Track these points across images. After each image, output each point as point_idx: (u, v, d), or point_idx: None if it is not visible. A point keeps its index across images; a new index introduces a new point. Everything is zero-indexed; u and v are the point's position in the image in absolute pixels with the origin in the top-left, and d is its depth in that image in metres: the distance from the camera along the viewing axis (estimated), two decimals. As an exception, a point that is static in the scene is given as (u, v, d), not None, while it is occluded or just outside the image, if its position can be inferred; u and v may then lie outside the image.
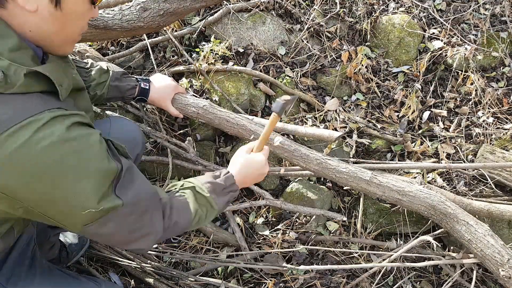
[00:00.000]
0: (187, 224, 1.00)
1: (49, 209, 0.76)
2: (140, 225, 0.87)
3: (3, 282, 0.98)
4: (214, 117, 1.58)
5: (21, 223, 0.96)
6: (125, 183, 0.82)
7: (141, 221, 0.87)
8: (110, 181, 0.78)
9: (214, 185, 1.06)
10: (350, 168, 1.49)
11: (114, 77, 1.37)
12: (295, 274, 1.73)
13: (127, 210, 0.82)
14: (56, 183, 0.72)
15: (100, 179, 0.76)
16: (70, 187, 0.73)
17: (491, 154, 1.98)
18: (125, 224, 0.84)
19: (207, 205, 1.04)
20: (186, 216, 0.99)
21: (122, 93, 1.39)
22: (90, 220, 0.78)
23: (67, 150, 0.72)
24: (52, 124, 0.71)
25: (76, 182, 0.73)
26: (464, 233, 1.40)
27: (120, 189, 0.80)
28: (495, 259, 1.33)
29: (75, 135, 0.73)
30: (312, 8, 2.35)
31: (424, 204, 1.46)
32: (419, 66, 2.32)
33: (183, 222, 0.99)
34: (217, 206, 1.05)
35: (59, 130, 0.71)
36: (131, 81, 1.42)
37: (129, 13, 1.71)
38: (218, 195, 1.06)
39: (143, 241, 0.90)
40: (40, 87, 0.75)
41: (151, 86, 1.45)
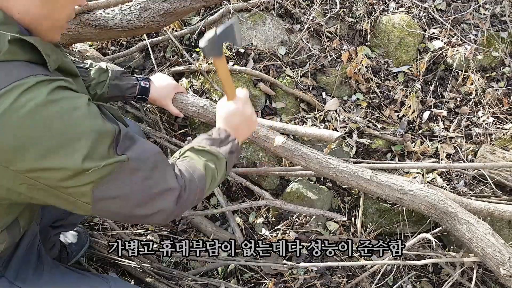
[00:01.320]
0: (202, 181, 0.94)
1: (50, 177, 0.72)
2: (153, 182, 0.82)
3: (11, 279, 0.98)
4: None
5: (27, 217, 0.95)
6: (126, 143, 0.79)
7: (152, 177, 0.82)
8: (108, 141, 0.75)
9: (210, 140, 1.03)
10: (350, 167, 1.49)
11: (113, 76, 1.36)
12: (295, 274, 1.73)
13: (134, 164, 0.79)
14: (47, 148, 0.69)
15: (95, 138, 0.73)
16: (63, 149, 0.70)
17: (491, 154, 1.98)
18: (136, 181, 0.79)
19: (212, 157, 0.99)
20: (198, 173, 0.94)
21: (123, 91, 1.39)
22: (96, 179, 0.73)
23: (53, 112, 0.69)
24: (37, 87, 0.69)
25: (69, 143, 0.70)
26: (465, 232, 1.40)
27: (121, 148, 0.78)
28: (496, 257, 1.32)
29: (60, 96, 0.71)
30: (312, 8, 2.35)
31: (425, 202, 1.45)
32: (419, 66, 2.32)
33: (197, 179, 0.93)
34: (222, 155, 1.01)
35: (43, 93, 0.69)
36: (131, 80, 1.41)
37: (129, 13, 1.71)
38: (218, 146, 1.02)
39: (162, 200, 0.84)
40: (26, 56, 0.74)
41: (152, 85, 1.45)
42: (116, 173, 0.76)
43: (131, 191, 0.79)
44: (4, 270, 0.99)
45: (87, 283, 1.07)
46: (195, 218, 1.85)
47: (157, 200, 0.83)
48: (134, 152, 0.80)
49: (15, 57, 0.72)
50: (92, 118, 0.74)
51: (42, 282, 1.02)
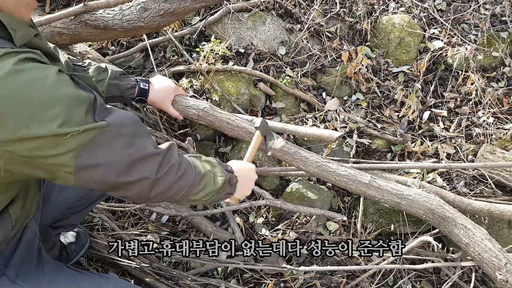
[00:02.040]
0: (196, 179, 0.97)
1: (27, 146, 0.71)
2: (135, 148, 0.83)
3: (12, 277, 0.98)
4: (215, 119, 1.57)
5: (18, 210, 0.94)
6: (103, 111, 0.79)
7: (133, 143, 0.83)
8: (84, 107, 0.75)
9: (219, 161, 1.10)
10: (349, 171, 1.49)
11: (113, 76, 1.35)
12: (295, 274, 1.73)
13: (115, 130, 0.79)
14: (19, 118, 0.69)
15: (69, 104, 0.73)
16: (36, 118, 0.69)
17: (491, 154, 1.98)
18: (118, 147, 0.80)
19: (215, 170, 1.04)
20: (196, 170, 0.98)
21: (122, 92, 1.38)
22: (77, 146, 0.74)
23: (21, 82, 0.69)
24: (3, 59, 0.69)
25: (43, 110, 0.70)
26: (462, 237, 1.41)
27: (100, 115, 0.77)
28: (493, 263, 1.33)
29: (27, 66, 0.71)
30: (312, 8, 2.35)
31: (423, 207, 1.46)
32: (419, 66, 2.32)
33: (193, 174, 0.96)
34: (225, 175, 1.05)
35: (9, 63, 0.69)
36: (130, 80, 1.41)
37: (130, 13, 1.71)
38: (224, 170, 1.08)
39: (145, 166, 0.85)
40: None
41: (151, 87, 1.44)
42: (97, 139, 0.76)
43: (113, 158, 0.80)
44: (5, 269, 0.99)
45: (88, 282, 1.07)
46: (195, 218, 1.85)
47: (139, 166, 0.84)
48: (114, 118, 0.79)
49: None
50: (64, 85, 0.74)
51: (43, 281, 1.02)
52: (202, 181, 0.99)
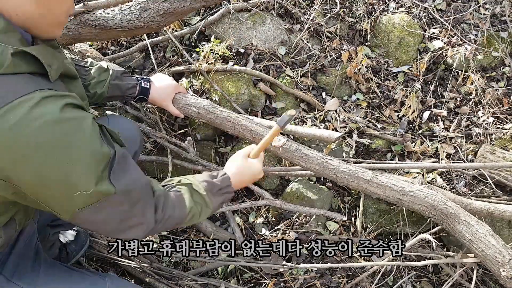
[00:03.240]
0: (180, 220, 1.01)
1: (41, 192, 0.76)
2: (132, 215, 0.87)
3: (8, 276, 0.99)
4: (215, 117, 1.57)
5: (22, 215, 0.96)
6: (118, 170, 0.81)
7: (132, 211, 0.87)
8: (103, 165, 0.78)
9: (210, 185, 1.07)
10: (351, 168, 1.49)
11: (114, 76, 1.36)
12: (295, 274, 1.73)
13: (120, 198, 0.82)
14: (47, 164, 0.71)
15: (92, 162, 0.76)
16: (61, 168, 0.72)
17: (491, 154, 1.98)
18: (117, 212, 0.84)
19: (202, 203, 1.04)
20: (180, 211, 1.00)
21: (123, 92, 1.39)
22: (83, 204, 0.77)
23: (60, 131, 0.71)
24: (44, 104, 0.70)
25: (68, 163, 0.73)
26: (465, 234, 1.40)
27: (113, 175, 0.80)
28: (496, 259, 1.32)
29: (68, 116, 0.73)
30: (312, 8, 2.35)
31: (425, 204, 1.45)
32: (419, 66, 2.32)
33: (177, 217, 0.99)
34: (212, 205, 1.06)
35: (52, 110, 0.71)
36: (131, 80, 1.41)
37: (129, 13, 1.71)
38: (213, 195, 1.07)
39: (134, 231, 0.90)
40: (29, 68, 0.74)
41: (152, 86, 1.44)
42: (101, 203, 0.79)
43: (109, 221, 0.85)
44: (1, 267, 0.99)
45: (84, 281, 1.08)
46: (195, 218, 1.85)
47: (130, 230, 0.90)
48: (123, 184, 0.82)
49: (18, 70, 0.72)
50: (94, 141, 0.77)
51: (39, 280, 1.03)
52: (186, 218, 1.02)
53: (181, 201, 1.01)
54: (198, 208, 1.03)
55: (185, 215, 1.00)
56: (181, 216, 1.00)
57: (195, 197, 1.04)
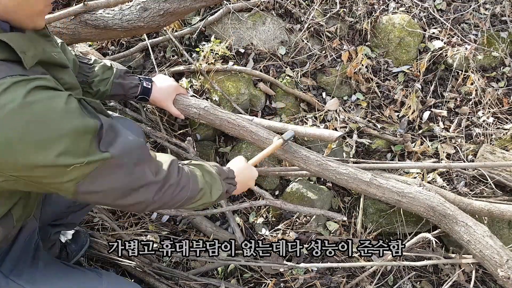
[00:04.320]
0: (193, 193, 1.02)
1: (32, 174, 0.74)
2: (134, 177, 0.87)
3: (6, 273, 0.98)
4: (215, 118, 1.57)
5: (21, 210, 0.95)
6: (109, 138, 0.81)
7: (134, 172, 0.86)
8: (89, 137, 0.76)
9: (220, 170, 1.12)
10: (350, 169, 1.49)
11: (118, 74, 1.36)
12: (295, 274, 1.73)
13: (117, 161, 0.81)
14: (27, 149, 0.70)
15: (76, 137, 0.74)
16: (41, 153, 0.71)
17: (491, 154, 1.98)
18: (118, 177, 0.83)
19: (213, 183, 1.07)
20: (194, 184, 1.02)
21: (125, 91, 1.39)
22: (80, 176, 0.76)
23: (29, 115, 0.69)
24: (13, 89, 0.69)
25: (47, 146, 0.71)
26: (463, 234, 1.41)
27: (104, 144, 0.79)
28: (494, 260, 1.33)
29: (33, 99, 0.70)
30: (312, 8, 2.35)
31: (424, 205, 1.46)
32: (419, 66, 2.32)
33: (191, 189, 1.01)
34: (222, 187, 1.10)
35: (16, 96, 0.69)
36: (134, 79, 1.41)
37: (129, 13, 1.71)
38: (222, 180, 1.11)
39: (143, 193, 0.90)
40: (3, 55, 0.73)
41: (153, 86, 1.44)
42: (99, 170, 0.78)
43: (113, 187, 0.84)
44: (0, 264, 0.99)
45: (81, 277, 1.08)
46: (195, 218, 1.85)
47: (137, 193, 0.89)
48: (117, 148, 0.81)
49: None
50: (70, 117, 0.74)
51: (37, 277, 1.03)
52: (198, 194, 1.04)
53: (194, 176, 1.04)
54: (208, 187, 1.06)
55: (197, 189, 1.03)
56: (194, 189, 1.02)
57: (207, 176, 1.07)
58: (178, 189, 0.98)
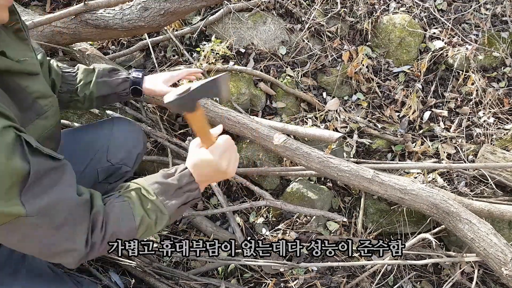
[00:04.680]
0: (130, 233, 0.87)
1: None
2: (55, 241, 0.75)
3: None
4: (216, 115, 1.57)
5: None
6: (35, 189, 0.70)
7: (55, 235, 0.75)
8: (8, 183, 0.66)
9: (164, 186, 0.89)
10: (352, 166, 1.49)
11: (100, 74, 1.29)
12: (295, 274, 1.73)
13: (34, 221, 0.70)
14: None
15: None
16: None
17: (492, 154, 1.98)
18: (35, 237, 0.73)
19: (156, 210, 0.88)
20: (127, 224, 0.85)
21: (113, 88, 1.29)
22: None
23: None
24: None
25: None
26: (467, 232, 1.40)
27: (27, 195, 0.68)
28: (498, 258, 1.32)
29: None
30: (312, 8, 2.35)
31: (427, 202, 1.45)
32: (420, 66, 2.31)
33: (125, 231, 0.85)
34: (167, 211, 0.89)
35: None
36: (121, 75, 1.32)
37: (130, 13, 1.71)
38: (170, 197, 0.89)
39: (64, 258, 0.79)
40: None
41: (145, 76, 1.34)
42: (12, 225, 0.69)
43: (28, 244, 0.75)
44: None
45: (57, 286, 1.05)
46: (196, 218, 1.85)
47: (58, 257, 0.79)
48: (37, 206, 0.70)
49: None
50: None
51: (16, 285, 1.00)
52: (139, 230, 0.88)
53: (128, 212, 0.86)
54: (152, 216, 0.88)
55: (135, 227, 0.86)
56: (130, 229, 0.86)
57: (146, 203, 0.88)
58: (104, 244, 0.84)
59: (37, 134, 0.89)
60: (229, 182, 1.97)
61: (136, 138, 1.38)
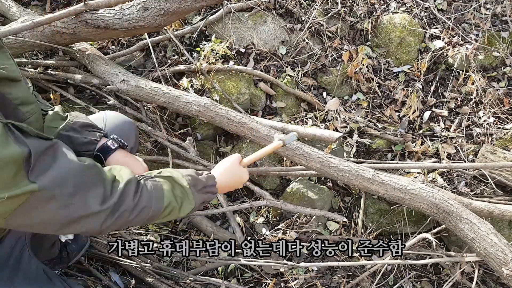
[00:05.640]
0: (156, 213, 0.92)
1: None
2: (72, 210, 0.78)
3: None
4: (215, 115, 1.57)
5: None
6: (40, 166, 0.73)
7: (70, 204, 0.77)
8: (13, 168, 0.69)
9: (195, 180, 1.00)
10: (352, 166, 1.49)
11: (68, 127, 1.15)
12: (296, 273, 1.73)
13: (47, 193, 0.73)
14: None
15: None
16: None
17: (492, 154, 1.98)
18: (51, 210, 0.76)
19: (184, 197, 0.96)
20: (157, 203, 0.91)
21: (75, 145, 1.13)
22: (6, 211, 0.70)
23: None
24: None
25: None
26: (467, 232, 1.40)
27: (34, 173, 0.71)
28: (499, 257, 1.32)
29: None
30: (313, 8, 2.35)
31: (427, 202, 1.45)
32: (420, 66, 2.31)
33: (153, 209, 0.90)
34: (195, 201, 0.98)
35: None
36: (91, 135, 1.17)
37: (130, 13, 1.71)
38: (197, 191, 0.99)
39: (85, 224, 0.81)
40: None
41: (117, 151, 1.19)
42: (27, 203, 0.71)
43: (47, 220, 0.77)
44: None
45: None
46: (196, 218, 1.85)
47: (78, 224, 0.81)
48: (49, 178, 0.73)
49: None
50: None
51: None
52: (163, 212, 0.94)
53: (159, 192, 0.92)
54: (178, 202, 0.95)
55: (161, 207, 0.92)
56: (158, 209, 0.92)
57: (177, 190, 0.96)
58: (135, 213, 0.88)
59: None
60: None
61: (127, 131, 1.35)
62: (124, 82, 1.76)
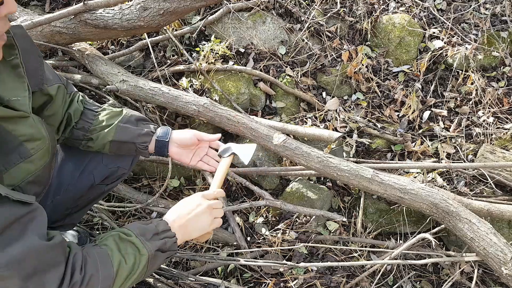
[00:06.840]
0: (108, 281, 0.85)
1: None
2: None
3: None
4: (215, 115, 1.57)
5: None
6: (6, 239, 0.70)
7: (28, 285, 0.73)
8: None
9: (142, 230, 0.94)
10: (351, 166, 1.49)
11: (126, 119, 1.20)
12: (295, 273, 1.73)
13: (4, 273, 0.70)
14: None
15: None
16: None
17: (491, 154, 1.98)
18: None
19: (134, 252, 0.90)
20: (105, 270, 0.85)
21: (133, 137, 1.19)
22: None
23: None
24: None
25: None
26: (467, 231, 1.40)
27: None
28: (498, 257, 1.32)
29: None
30: (312, 8, 2.35)
31: (426, 202, 1.45)
32: (420, 66, 2.31)
33: (102, 277, 0.84)
34: (146, 250, 0.91)
35: None
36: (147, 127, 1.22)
37: (129, 12, 1.71)
38: (148, 240, 0.93)
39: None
40: None
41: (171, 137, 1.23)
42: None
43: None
44: None
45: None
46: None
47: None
48: (10, 255, 0.70)
49: None
50: None
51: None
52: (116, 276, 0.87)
53: (105, 257, 0.86)
54: (130, 260, 0.89)
55: (112, 274, 0.85)
56: (108, 275, 0.85)
57: (124, 247, 0.89)
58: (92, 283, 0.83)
59: (20, 178, 0.87)
60: (229, 182, 1.97)
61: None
62: (123, 82, 1.76)
